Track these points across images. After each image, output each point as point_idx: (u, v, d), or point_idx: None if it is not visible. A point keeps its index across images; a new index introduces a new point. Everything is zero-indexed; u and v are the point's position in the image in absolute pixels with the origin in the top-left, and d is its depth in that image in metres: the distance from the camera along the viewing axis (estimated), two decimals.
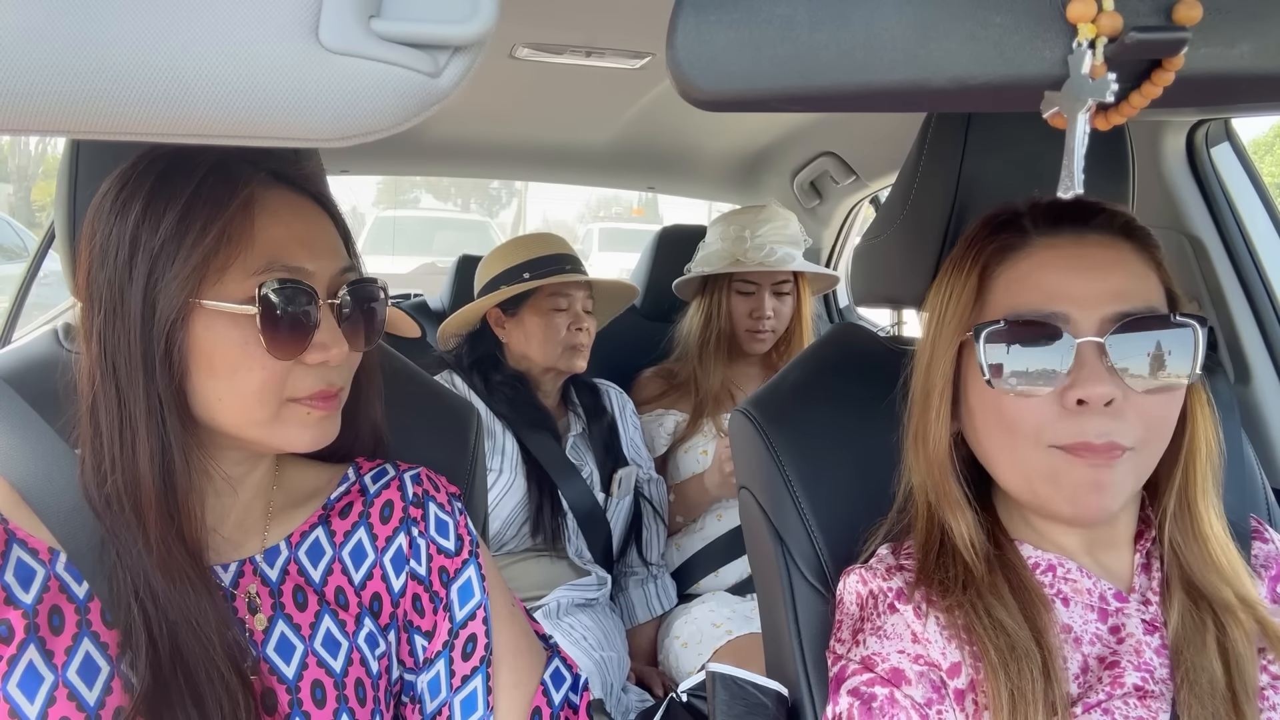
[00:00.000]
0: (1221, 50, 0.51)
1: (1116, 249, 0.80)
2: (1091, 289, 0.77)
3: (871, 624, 0.85)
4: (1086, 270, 0.78)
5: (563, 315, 1.84)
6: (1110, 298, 0.77)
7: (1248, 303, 1.43)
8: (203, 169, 0.72)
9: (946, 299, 0.85)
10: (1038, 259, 0.81)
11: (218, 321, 0.71)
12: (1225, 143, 1.45)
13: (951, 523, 0.85)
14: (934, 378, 0.85)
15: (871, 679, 0.80)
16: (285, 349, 0.73)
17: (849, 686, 0.81)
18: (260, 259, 0.72)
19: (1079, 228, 0.81)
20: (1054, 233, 0.81)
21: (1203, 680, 0.77)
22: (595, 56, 1.75)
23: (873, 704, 0.78)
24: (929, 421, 0.86)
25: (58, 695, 0.68)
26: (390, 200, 17.49)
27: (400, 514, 0.87)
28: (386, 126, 0.42)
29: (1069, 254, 0.80)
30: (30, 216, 11.04)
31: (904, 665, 0.80)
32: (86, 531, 0.72)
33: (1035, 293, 0.79)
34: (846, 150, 2.34)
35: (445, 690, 0.83)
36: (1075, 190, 0.52)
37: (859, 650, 0.83)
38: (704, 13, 0.49)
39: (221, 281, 0.71)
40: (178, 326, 0.70)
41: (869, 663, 0.81)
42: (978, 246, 0.84)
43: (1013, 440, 0.80)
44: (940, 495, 0.86)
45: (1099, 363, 0.76)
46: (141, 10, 0.37)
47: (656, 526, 1.98)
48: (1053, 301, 0.78)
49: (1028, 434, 0.78)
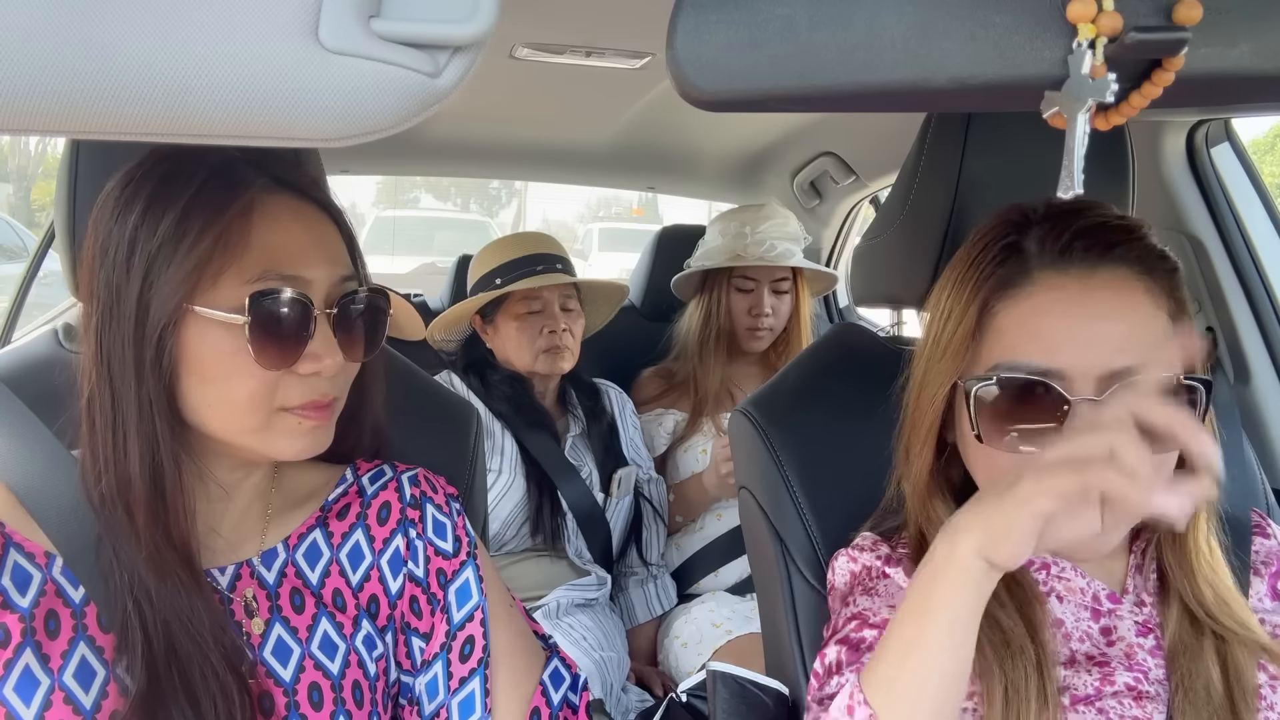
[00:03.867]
0: (1221, 50, 0.51)
1: (1126, 291, 0.75)
2: (1093, 341, 0.73)
3: (863, 586, 0.86)
4: (1090, 319, 0.73)
5: (536, 318, 1.82)
6: (1111, 351, 0.72)
7: (1248, 303, 1.43)
8: (204, 172, 0.72)
9: (945, 319, 0.82)
10: (1038, 302, 0.76)
11: (209, 328, 0.71)
12: (1225, 143, 1.45)
13: (930, 533, 0.84)
14: (923, 413, 0.83)
15: (860, 625, 0.81)
16: (275, 359, 0.72)
17: (837, 637, 0.82)
18: (256, 267, 0.72)
19: (1089, 265, 0.76)
20: (1061, 268, 0.76)
21: (1198, 686, 0.77)
22: (595, 56, 1.75)
23: (860, 645, 0.79)
24: (912, 450, 0.85)
25: (54, 699, 0.68)
26: (390, 200, 17.49)
27: (398, 515, 0.86)
28: (387, 126, 0.42)
29: (1073, 298, 0.75)
30: (30, 216, 11.05)
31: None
32: (83, 534, 0.72)
33: (1033, 343, 0.75)
34: (846, 150, 2.34)
35: (443, 692, 0.83)
36: (1075, 190, 0.52)
37: (849, 609, 0.84)
38: (704, 13, 0.49)
39: (215, 288, 0.71)
40: (170, 330, 0.70)
41: (860, 616, 0.82)
42: (979, 273, 0.79)
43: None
44: (925, 520, 0.86)
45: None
46: (141, 10, 0.37)
47: (656, 526, 1.98)
48: (1050, 354, 0.73)
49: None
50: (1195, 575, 0.81)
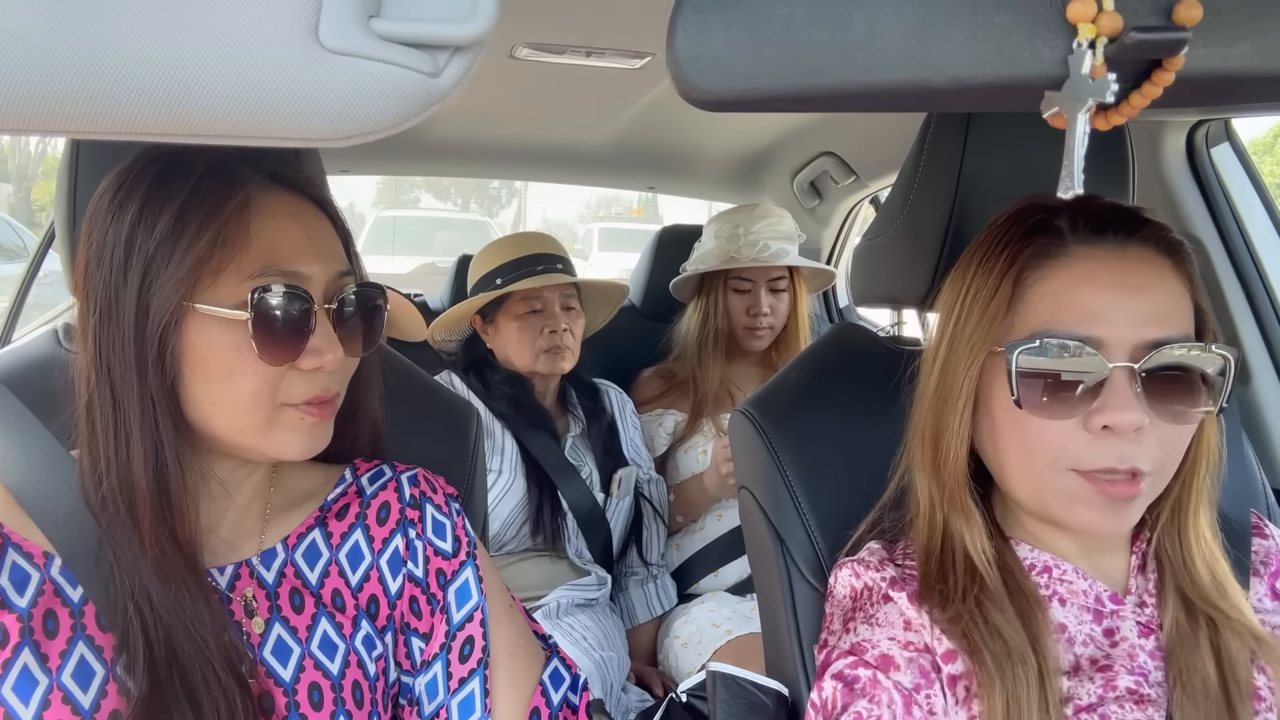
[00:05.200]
0: (1222, 50, 0.51)
1: (1156, 266, 0.77)
2: (1130, 310, 0.75)
3: (864, 613, 0.85)
4: (1126, 289, 0.75)
5: (536, 318, 1.83)
6: (1147, 321, 0.74)
7: (1248, 303, 1.43)
8: (200, 170, 0.72)
9: (971, 300, 0.81)
10: (1077, 271, 0.77)
11: (211, 325, 0.71)
12: (1225, 143, 1.45)
13: (960, 528, 0.84)
14: (954, 385, 0.82)
15: (856, 662, 0.80)
16: (278, 355, 0.72)
17: (833, 670, 0.81)
18: (255, 263, 0.72)
19: (1122, 239, 0.78)
20: (1095, 243, 0.78)
21: (1195, 680, 0.77)
22: (595, 56, 1.75)
23: (855, 685, 0.78)
24: (945, 429, 0.83)
25: (52, 699, 0.68)
26: (390, 200, 17.50)
27: (397, 515, 0.86)
28: (386, 126, 0.42)
29: (1109, 269, 0.76)
30: (30, 216, 11.04)
31: (893, 651, 0.79)
32: (82, 535, 0.72)
33: (1072, 310, 0.76)
34: (846, 150, 2.34)
35: (443, 692, 0.83)
36: (1075, 191, 0.52)
37: (848, 638, 0.83)
38: (704, 13, 0.49)
39: (215, 285, 0.71)
40: (171, 329, 0.70)
41: (857, 649, 0.81)
42: (1012, 248, 0.80)
43: (1031, 459, 0.78)
44: (951, 502, 0.84)
45: (1129, 389, 0.73)
46: (142, 10, 0.37)
47: (656, 526, 1.98)
48: (1089, 322, 0.75)
49: (1048, 456, 0.77)
50: (1193, 557, 0.82)
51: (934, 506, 0.86)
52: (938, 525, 0.85)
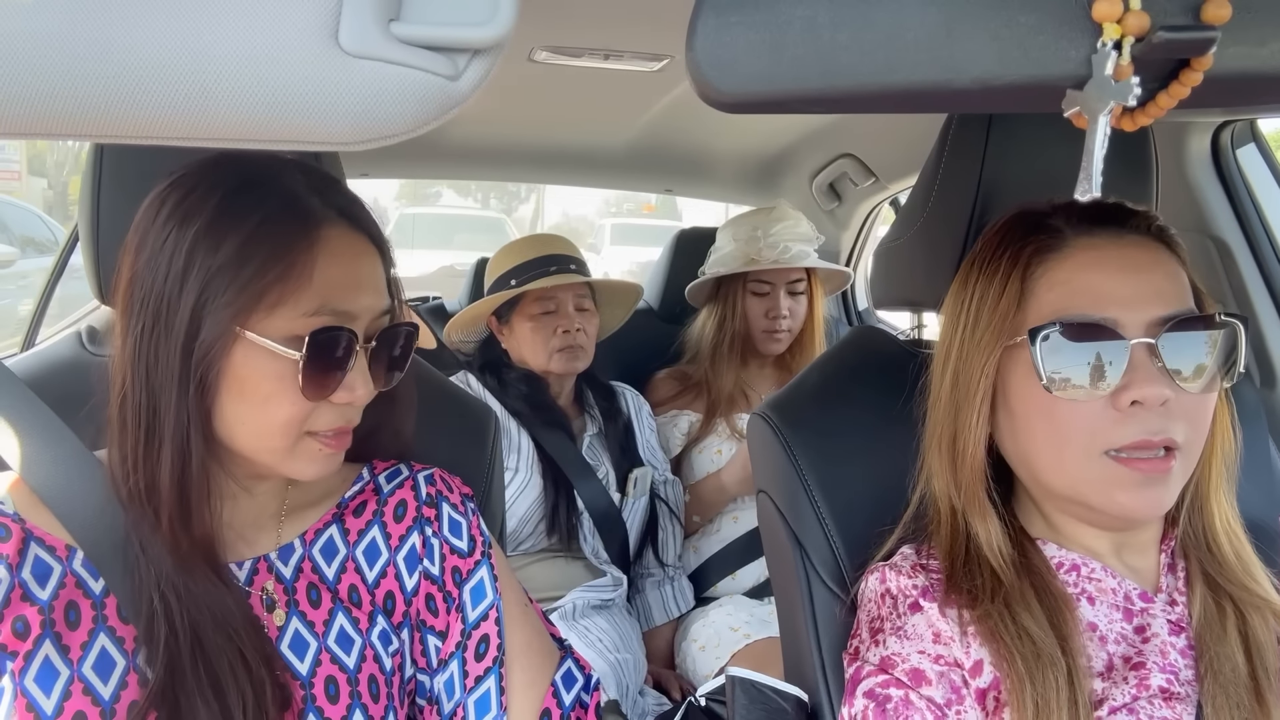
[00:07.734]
0: (1251, 49, 0.50)
1: (1153, 250, 0.80)
2: (1138, 290, 0.77)
3: (892, 624, 0.84)
4: (1131, 271, 0.78)
5: (551, 318, 1.84)
6: (1154, 299, 0.77)
7: (1274, 306, 1.40)
8: (272, 197, 0.72)
9: (978, 302, 0.84)
10: (1079, 260, 0.80)
11: (258, 354, 0.72)
12: (1251, 144, 1.43)
13: (979, 528, 0.84)
14: (969, 384, 0.83)
15: (887, 680, 0.80)
16: (320, 391, 0.74)
17: (864, 688, 0.80)
18: (313, 301, 0.72)
19: (1116, 228, 0.81)
20: (1092, 233, 0.81)
21: (1226, 669, 0.77)
22: (613, 59, 1.75)
23: (887, 705, 0.78)
24: (963, 428, 0.84)
25: (73, 690, 0.69)
26: (412, 196, 17.68)
27: (414, 514, 0.87)
28: (406, 130, 0.41)
29: (1110, 255, 0.79)
30: (66, 210, 11.15)
31: (924, 666, 0.79)
32: (109, 531, 0.73)
33: (1083, 295, 0.78)
34: (866, 152, 2.33)
35: (460, 691, 0.83)
36: (1093, 193, 0.51)
37: (878, 650, 0.83)
38: (724, 14, 0.49)
39: (270, 317, 0.71)
40: (219, 350, 0.70)
41: (887, 664, 0.81)
42: (1013, 248, 0.83)
43: (1063, 446, 0.78)
44: (969, 501, 0.85)
45: (1151, 364, 0.76)
46: (162, 15, 0.37)
47: (673, 528, 1.98)
48: (1102, 304, 0.77)
49: (1081, 439, 0.77)
50: (1216, 534, 0.84)
51: (954, 511, 0.86)
52: (960, 529, 0.85)
